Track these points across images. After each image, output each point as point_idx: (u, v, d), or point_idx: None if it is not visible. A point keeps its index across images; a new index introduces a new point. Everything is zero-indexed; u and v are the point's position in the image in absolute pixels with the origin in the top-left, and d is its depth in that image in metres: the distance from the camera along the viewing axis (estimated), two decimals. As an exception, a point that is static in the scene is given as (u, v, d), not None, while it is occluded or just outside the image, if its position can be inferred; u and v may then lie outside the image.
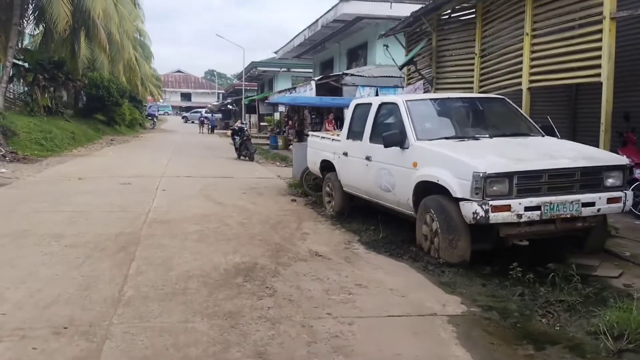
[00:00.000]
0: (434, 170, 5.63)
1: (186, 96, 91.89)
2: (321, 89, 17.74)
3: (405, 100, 6.67)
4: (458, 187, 5.26)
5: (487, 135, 6.24)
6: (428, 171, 5.74)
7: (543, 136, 6.50)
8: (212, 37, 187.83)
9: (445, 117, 6.72)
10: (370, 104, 7.48)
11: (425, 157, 5.90)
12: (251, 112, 42.59)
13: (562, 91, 10.28)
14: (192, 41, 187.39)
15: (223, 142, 30.33)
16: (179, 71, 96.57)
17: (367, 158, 7.17)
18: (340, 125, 17.56)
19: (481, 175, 5.06)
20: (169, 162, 17.14)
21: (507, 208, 5.09)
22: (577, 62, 7.32)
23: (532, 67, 8.10)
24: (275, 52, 30.44)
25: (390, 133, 6.33)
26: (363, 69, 18.23)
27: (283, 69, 39.83)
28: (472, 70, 9.94)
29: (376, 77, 17.51)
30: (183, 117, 71.48)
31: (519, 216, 5.11)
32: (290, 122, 24.64)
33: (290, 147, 23.35)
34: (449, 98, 6.87)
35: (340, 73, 17.64)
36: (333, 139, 8.67)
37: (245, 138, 18.72)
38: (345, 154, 7.96)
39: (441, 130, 6.41)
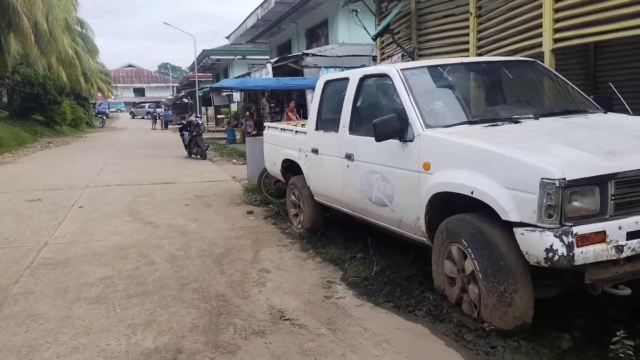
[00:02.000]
0: (464, 176, 3.46)
1: (139, 91, 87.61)
2: (279, 73, 15.43)
3: (402, 70, 4.46)
4: (512, 204, 3.11)
5: (531, 115, 4.11)
6: (452, 177, 3.57)
7: (605, 112, 4.41)
8: (163, 30, 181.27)
9: (463, 92, 4.54)
10: (347, 80, 5.25)
11: (444, 155, 3.73)
12: (207, 105, 39.82)
13: (576, 53, 8.30)
14: (143, 35, 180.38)
15: (175, 139, 27.58)
16: (130, 65, 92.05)
17: (348, 157, 4.97)
18: (304, 115, 15.32)
19: (557, 183, 2.91)
20: (104, 166, 14.55)
21: (601, 237, 2.98)
22: (627, 8, 5.29)
23: (556, 21, 6.04)
24: (227, 37, 27.80)
25: (383, 120, 4.13)
26: (325, 49, 16.01)
27: (238, 57, 37.17)
28: (466, 35, 7.83)
29: (341, 56, 15.31)
30: (130, 113, 67.93)
31: (619, 249, 3.00)
32: (248, 113, 22.20)
33: (249, 140, 21.01)
34: (463, 64, 4.71)
35: (300, 54, 15.37)
36: (297, 131, 6.42)
37: (195, 133, 16.26)
38: (315, 151, 5.73)
39: (460, 111, 4.24)
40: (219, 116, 36.41)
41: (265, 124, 7.86)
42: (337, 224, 6.13)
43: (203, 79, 45.11)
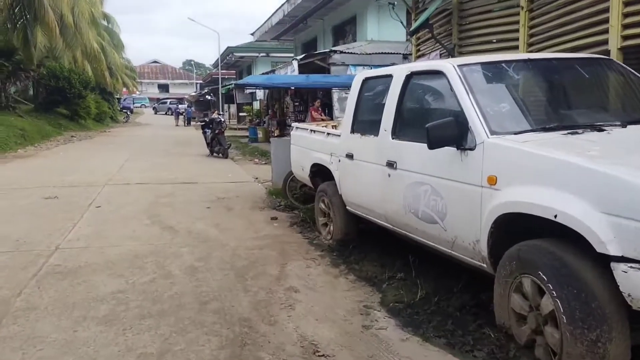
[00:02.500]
0: (544, 195, 2.86)
1: (164, 87, 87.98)
2: (305, 71, 14.90)
3: (459, 66, 3.87)
4: (612, 233, 2.50)
5: (617, 122, 3.48)
6: (528, 195, 2.97)
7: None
8: (188, 28, 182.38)
9: (532, 92, 3.94)
10: (389, 77, 4.67)
11: (517, 167, 3.13)
12: (230, 102, 39.53)
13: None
14: (168, 32, 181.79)
15: (197, 136, 27.24)
16: (155, 62, 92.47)
17: (390, 164, 4.39)
18: (329, 115, 14.78)
19: (676, 211, 2.30)
20: (126, 162, 14.19)
21: None
22: None
23: (626, 15, 5.38)
24: (252, 34, 27.39)
25: (438, 124, 3.55)
26: (353, 46, 15.42)
27: (262, 54, 36.76)
28: (515, 31, 7.19)
29: (370, 54, 14.71)
30: (153, 109, 68.46)
31: None
32: (270, 112, 21.76)
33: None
34: (530, 60, 4.10)
35: (327, 51, 14.82)
36: (329, 133, 5.86)
37: (217, 131, 15.81)
38: (350, 156, 5.16)
39: (530, 115, 3.63)
40: (241, 114, 36.08)
41: (293, 124, 7.32)
42: (371, 235, 5.57)
43: (226, 76, 44.85)
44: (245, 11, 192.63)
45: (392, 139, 4.44)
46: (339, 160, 5.41)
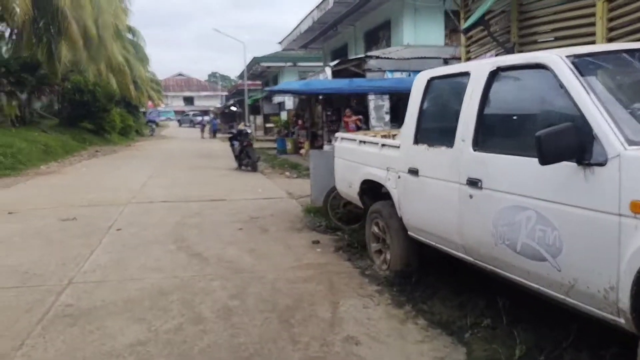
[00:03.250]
0: None
1: (189, 100, 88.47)
2: (339, 78, 14.07)
3: (569, 57, 2.98)
4: None
5: None
6: None
7: None
8: (213, 40, 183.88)
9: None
10: (466, 75, 3.78)
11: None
12: (256, 113, 39.04)
13: None
14: (193, 45, 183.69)
15: (223, 148, 26.77)
16: (180, 74, 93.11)
17: (472, 183, 3.50)
18: (366, 124, 13.94)
19: None
20: (150, 178, 13.54)
21: None
22: None
23: None
24: (280, 43, 26.77)
25: (553, 131, 2.66)
26: (390, 51, 14.58)
27: (289, 64, 36.14)
28: (590, 25, 6.26)
29: (409, 59, 13.83)
30: (178, 121, 69.93)
31: None
32: (299, 122, 20.99)
33: (302, 151, 19.69)
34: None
35: (363, 56, 14.01)
36: (384, 145, 4.99)
37: (246, 144, 15.09)
38: (414, 171, 4.29)
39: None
40: (268, 125, 35.51)
41: (336, 134, 6.45)
42: (437, 264, 4.67)
43: (252, 87, 44.36)
44: (271, 23, 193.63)
45: (474, 151, 3.55)
46: (399, 177, 4.54)
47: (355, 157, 5.54)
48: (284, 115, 32.01)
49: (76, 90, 26.80)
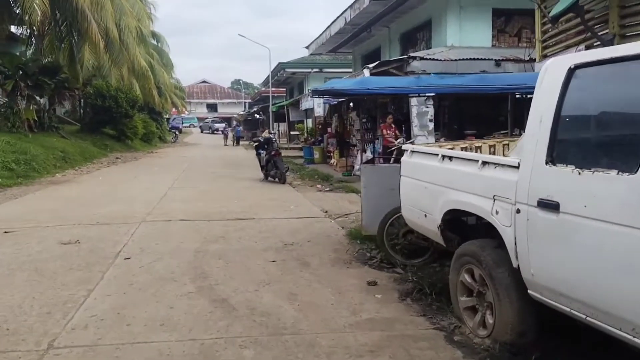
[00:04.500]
0: None
1: (212, 107, 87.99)
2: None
3: None
4: None
5: None
6: None
7: None
8: (237, 49, 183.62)
9: None
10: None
11: None
12: (279, 121, 37.87)
13: None
14: (217, 53, 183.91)
15: (248, 157, 25.61)
16: (204, 81, 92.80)
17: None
18: (407, 132, 12.51)
19: None
20: (170, 189, 12.30)
21: None
22: None
23: None
24: (307, 47, 25.50)
25: None
26: (434, 52, 13.14)
27: (315, 70, 34.89)
28: None
29: (455, 60, 12.37)
30: (200, 127, 70.82)
31: None
32: (329, 129, 19.63)
33: (332, 161, 18.29)
34: None
35: (405, 57, 12.60)
36: (484, 162, 3.57)
37: (273, 153, 13.78)
38: (550, 205, 2.85)
39: None
40: (292, 132, 34.28)
41: (405, 146, 5.01)
42: (559, 333, 3.24)
43: (276, 94, 43.29)
44: (294, 34, 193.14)
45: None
46: (518, 211, 3.11)
47: (436, 178, 4.12)
48: (309, 123, 30.71)
49: (98, 95, 25.96)
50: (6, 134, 17.73)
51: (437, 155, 4.13)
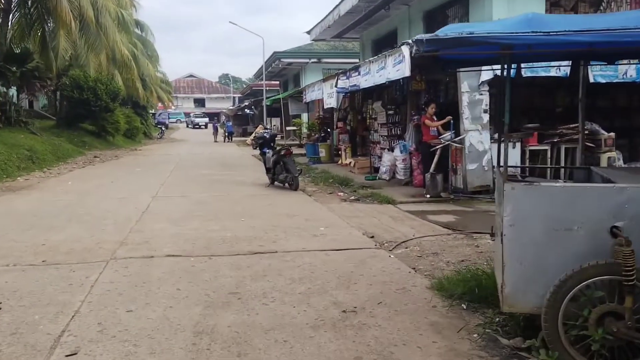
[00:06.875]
0: None
1: (199, 102, 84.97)
2: (417, 62, 10.08)
3: None
4: None
5: None
6: None
7: None
8: (225, 45, 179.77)
9: None
10: None
11: None
12: (273, 116, 35.16)
13: None
14: (205, 49, 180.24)
15: (242, 155, 22.95)
16: (191, 75, 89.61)
17: None
18: (455, 128, 9.95)
19: None
20: (154, 199, 9.61)
21: None
22: None
23: None
24: (308, 32, 22.77)
25: None
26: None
27: (312, 60, 32.22)
28: None
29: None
30: (185, 122, 70.20)
31: None
32: (340, 124, 17.00)
33: (347, 161, 15.56)
34: None
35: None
36: None
37: (284, 152, 11.12)
38: None
39: None
40: (288, 128, 31.53)
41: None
42: None
43: (268, 88, 40.52)
44: (282, 30, 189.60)
45: None
46: None
47: None
48: (304, 117, 28.03)
49: (75, 87, 23.14)
50: (-39, 131, 14.98)
51: None
